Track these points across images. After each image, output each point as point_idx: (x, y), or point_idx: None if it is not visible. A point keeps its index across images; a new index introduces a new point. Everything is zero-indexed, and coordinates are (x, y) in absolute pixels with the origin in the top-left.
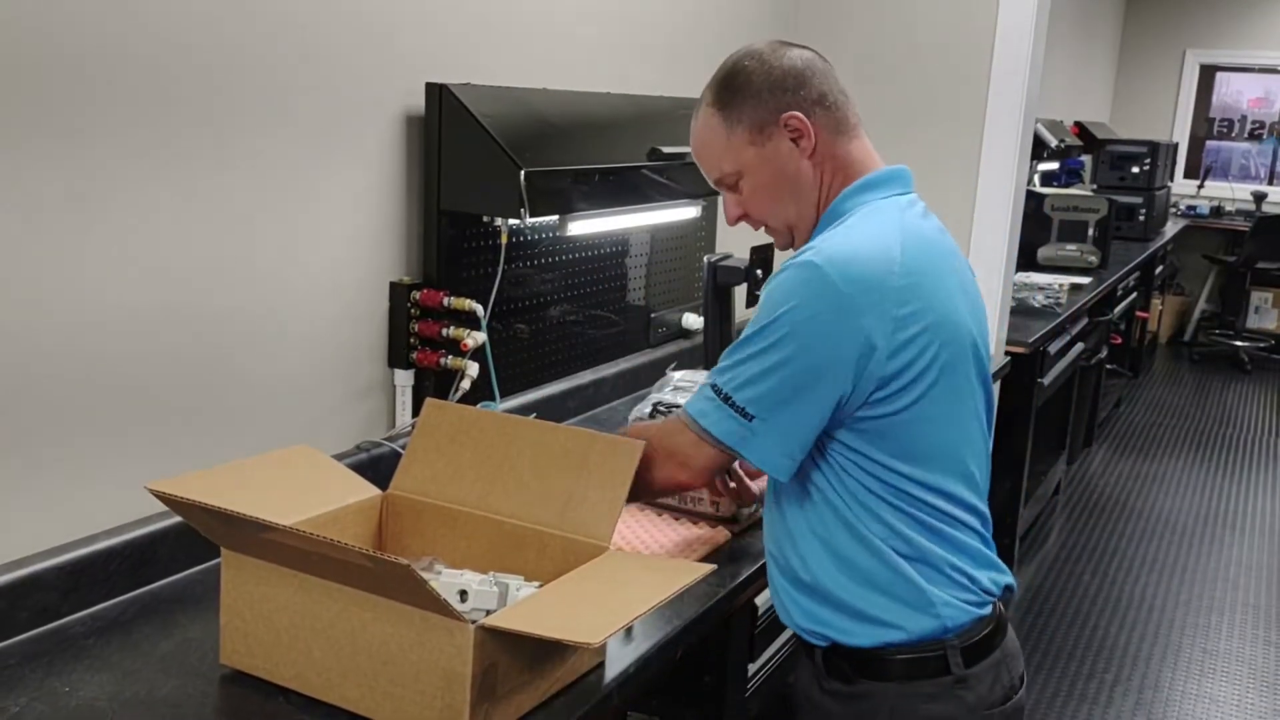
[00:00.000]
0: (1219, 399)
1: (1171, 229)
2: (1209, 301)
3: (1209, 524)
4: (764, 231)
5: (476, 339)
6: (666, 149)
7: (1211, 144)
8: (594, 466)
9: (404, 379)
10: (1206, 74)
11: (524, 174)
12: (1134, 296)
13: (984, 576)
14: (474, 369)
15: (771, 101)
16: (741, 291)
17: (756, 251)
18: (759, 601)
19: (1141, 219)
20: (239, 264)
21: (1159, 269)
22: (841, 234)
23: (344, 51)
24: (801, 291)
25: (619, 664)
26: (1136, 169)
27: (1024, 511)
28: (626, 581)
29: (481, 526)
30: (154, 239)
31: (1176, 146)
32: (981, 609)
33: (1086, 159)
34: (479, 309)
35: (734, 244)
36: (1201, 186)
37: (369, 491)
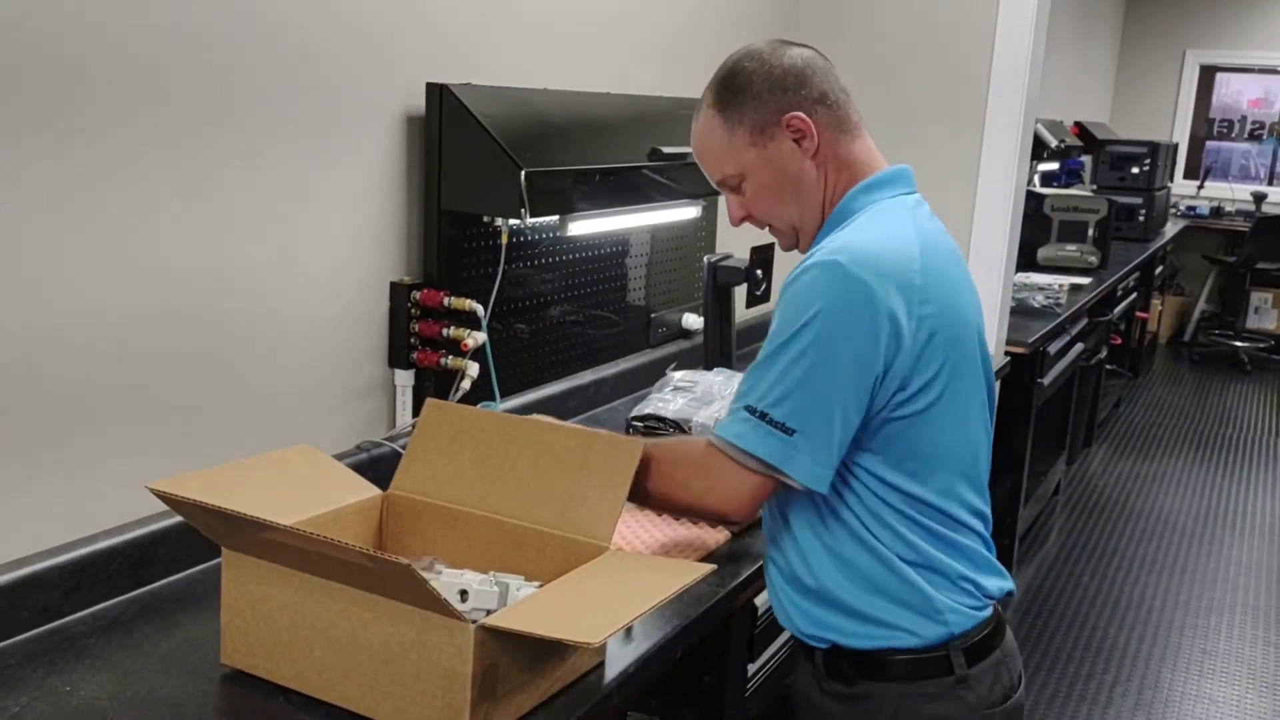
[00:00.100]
0: (1219, 399)
1: (1171, 229)
2: (1209, 302)
3: (1209, 524)
4: (768, 232)
5: (477, 339)
6: (667, 149)
7: (1211, 144)
8: (594, 466)
9: (404, 379)
10: (1206, 74)
11: (524, 174)
12: (1134, 297)
13: (988, 583)
14: (474, 369)
15: (772, 102)
16: (741, 291)
17: (756, 251)
18: (759, 602)
19: (1141, 219)
20: (239, 264)
21: (1159, 269)
22: (857, 232)
23: (344, 51)
24: (827, 291)
25: (619, 664)
26: (1136, 169)
27: (1024, 511)
28: (626, 581)
29: (482, 526)
30: (154, 239)
31: (1176, 147)
32: (983, 612)
33: (1086, 159)
34: (479, 309)
35: (734, 244)
36: (1201, 187)
37: (369, 491)
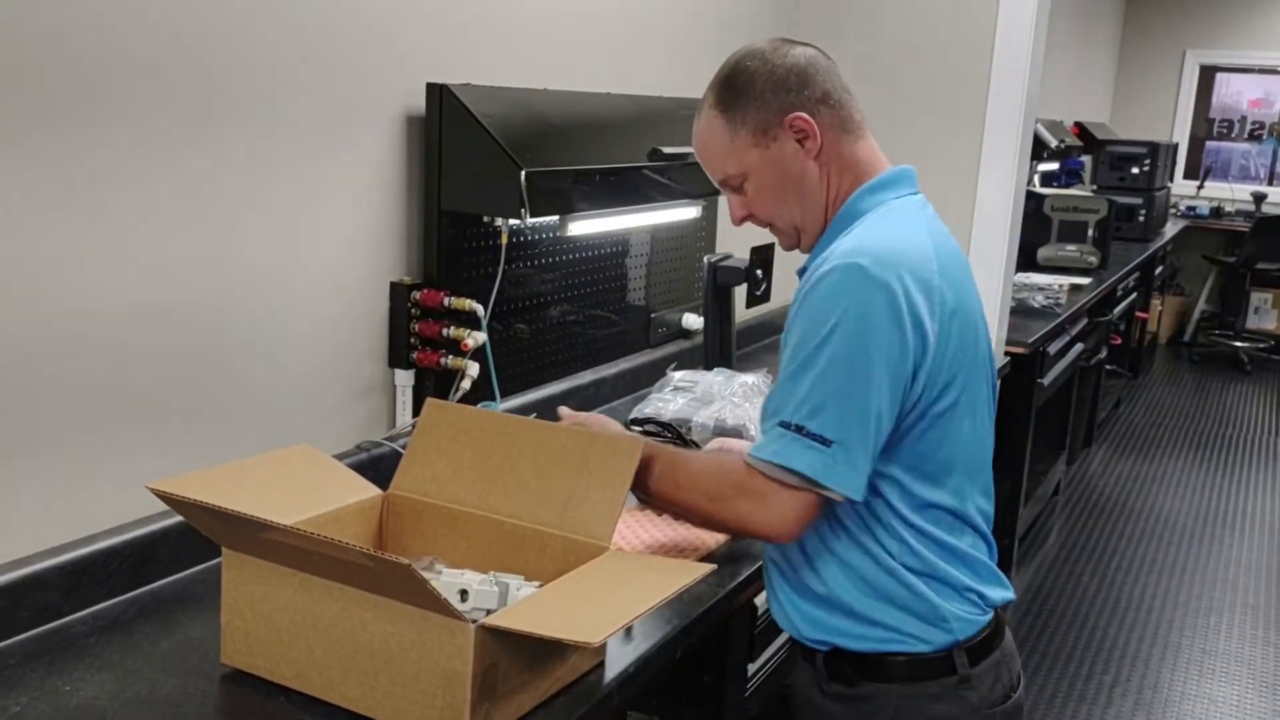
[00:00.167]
0: (1219, 399)
1: (1171, 229)
2: (1209, 302)
3: (1208, 524)
4: (769, 231)
5: (477, 339)
6: (667, 149)
7: (1211, 144)
8: (594, 466)
9: (404, 379)
10: (1206, 74)
11: (524, 174)
12: (1134, 297)
13: (992, 593)
14: (474, 369)
15: (775, 102)
16: (741, 291)
17: (756, 251)
18: (758, 602)
19: (1141, 219)
20: (239, 264)
21: (1159, 269)
22: (871, 232)
23: (344, 51)
24: (850, 294)
25: (619, 664)
26: (1136, 169)
27: (1023, 512)
28: (626, 581)
29: (482, 526)
30: (154, 239)
31: (1176, 147)
32: (985, 617)
33: (1086, 159)
34: (479, 309)
35: (734, 244)
36: (1201, 187)
37: (369, 491)
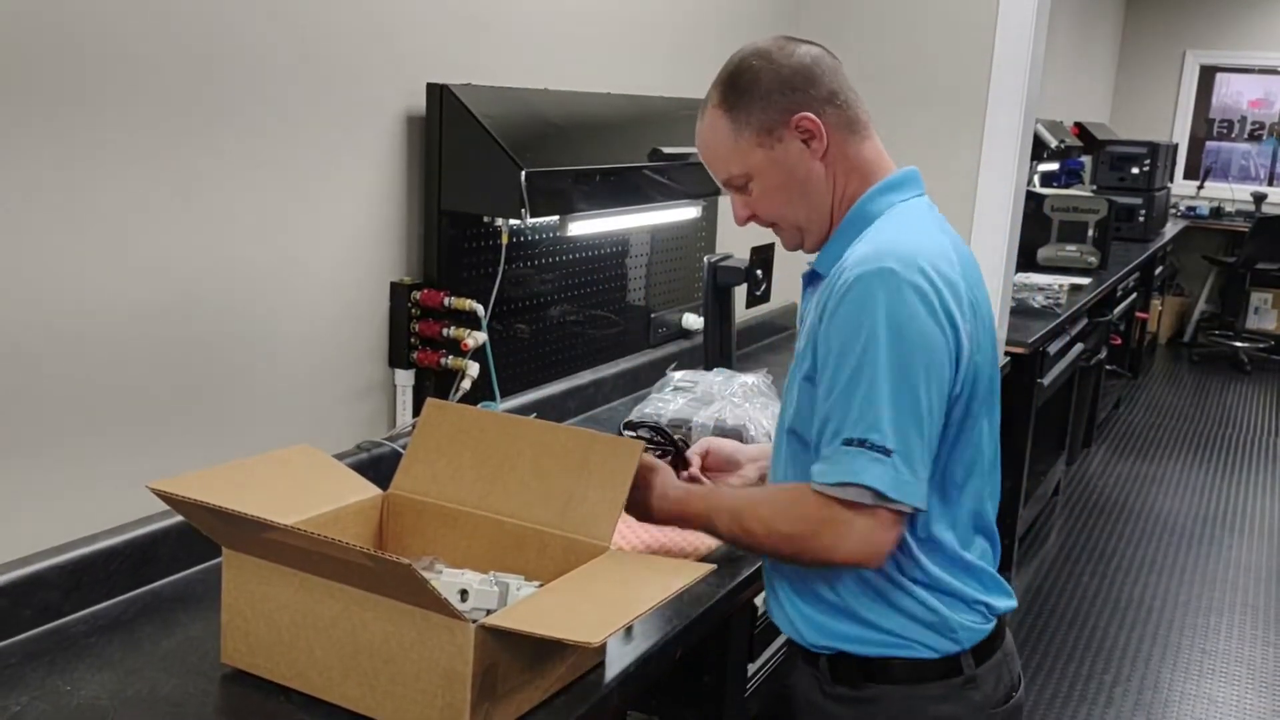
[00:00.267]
0: (1218, 400)
1: (1171, 230)
2: (1208, 302)
3: (1208, 525)
4: (772, 231)
5: (477, 339)
6: (667, 149)
7: (1211, 145)
8: (594, 466)
9: (404, 379)
10: (1206, 75)
11: (524, 174)
12: (1134, 297)
13: (997, 603)
14: (474, 369)
15: (781, 102)
16: (741, 291)
17: (756, 252)
18: (758, 602)
19: (1141, 220)
20: (239, 264)
21: (1159, 270)
22: (891, 234)
23: (345, 52)
24: (886, 299)
25: (619, 663)
26: (1136, 170)
27: (1023, 512)
28: (626, 581)
29: (482, 526)
30: (154, 239)
31: (1176, 147)
32: (989, 624)
33: (1086, 159)
34: (479, 309)
35: (734, 244)
36: (1201, 187)
37: (370, 491)
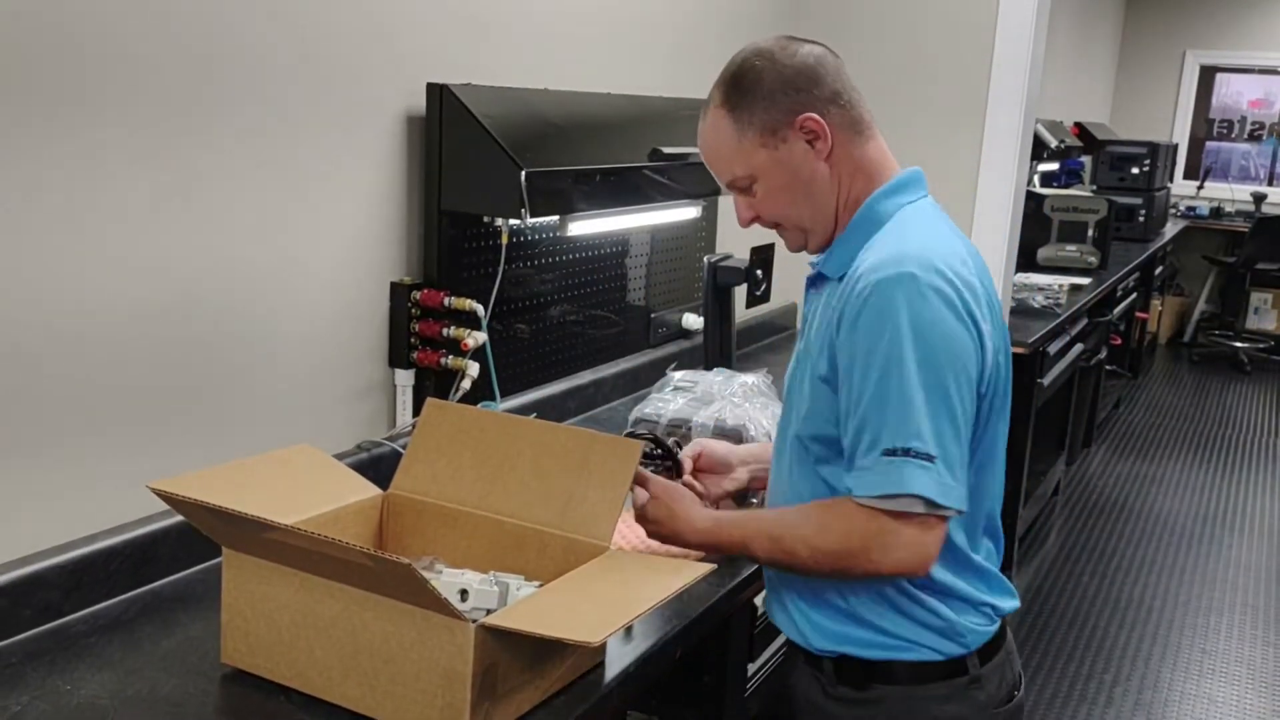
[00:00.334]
0: (1218, 400)
1: (1171, 230)
2: (1208, 302)
3: (1208, 525)
4: (775, 231)
5: (477, 339)
6: (667, 149)
7: (1211, 145)
8: (594, 466)
9: (404, 379)
10: (1206, 75)
11: (524, 174)
12: (1134, 297)
13: (1002, 604)
14: (474, 369)
15: (784, 102)
16: (741, 291)
17: (756, 252)
18: (758, 601)
19: (1141, 220)
20: (240, 264)
21: (1159, 270)
22: (907, 238)
23: (345, 51)
24: (911, 304)
25: (619, 663)
26: (1136, 170)
27: (1023, 512)
28: (626, 581)
29: (482, 526)
30: (154, 239)
31: (1176, 147)
32: (994, 626)
33: (1086, 160)
34: (479, 309)
35: (734, 244)
36: (1201, 187)
37: (370, 491)
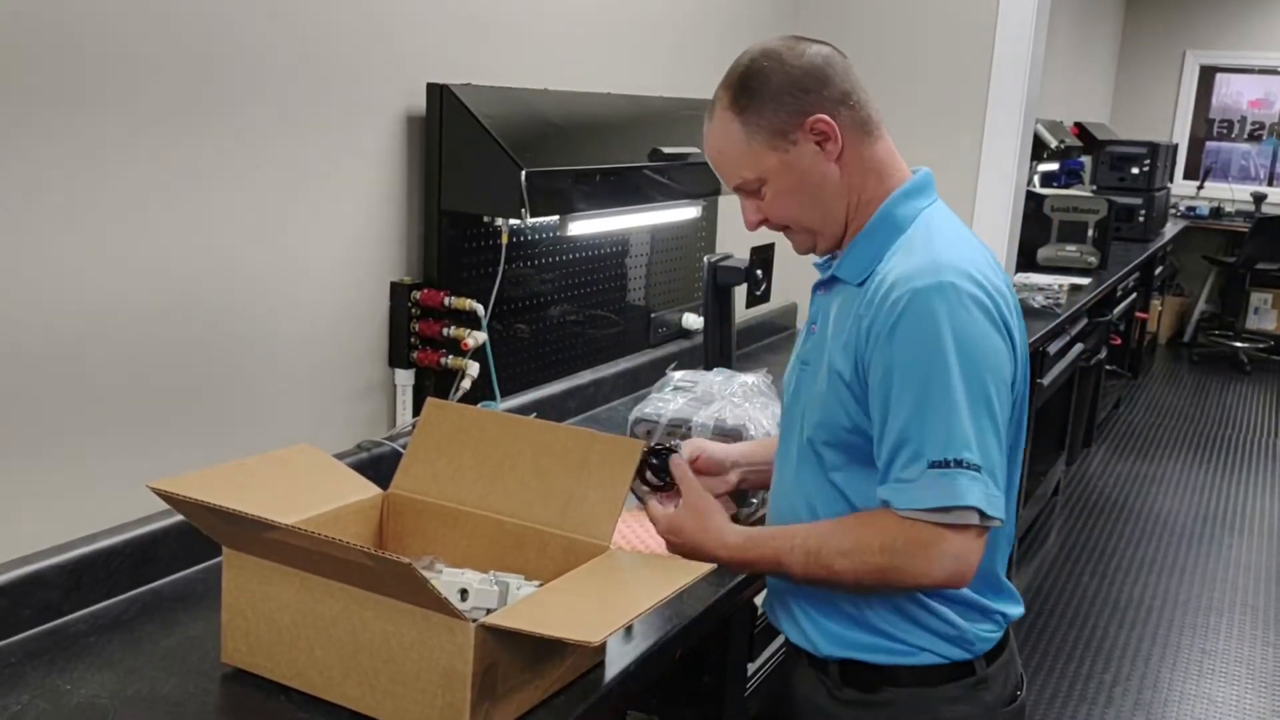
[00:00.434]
0: (1218, 400)
1: (1171, 230)
2: (1208, 302)
3: (1208, 525)
4: (783, 234)
5: (477, 339)
6: (667, 149)
7: (1211, 145)
8: (594, 466)
9: (404, 378)
10: (1206, 75)
11: (525, 174)
12: (1133, 297)
13: (1010, 610)
14: (474, 369)
15: (793, 104)
16: (741, 291)
17: (756, 252)
18: (758, 601)
19: (1141, 220)
20: (239, 264)
21: (1159, 270)
22: (937, 246)
23: (345, 52)
24: (949, 315)
25: (619, 663)
26: (1136, 170)
27: (1023, 512)
28: (627, 581)
29: (482, 526)
30: (154, 239)
31: (1176, 147)
32: (1001, 631)
33: (1086, 160)
34: (479, 309)
35: (734, 244)
36: (1201, 187)
37: (370, 491)
